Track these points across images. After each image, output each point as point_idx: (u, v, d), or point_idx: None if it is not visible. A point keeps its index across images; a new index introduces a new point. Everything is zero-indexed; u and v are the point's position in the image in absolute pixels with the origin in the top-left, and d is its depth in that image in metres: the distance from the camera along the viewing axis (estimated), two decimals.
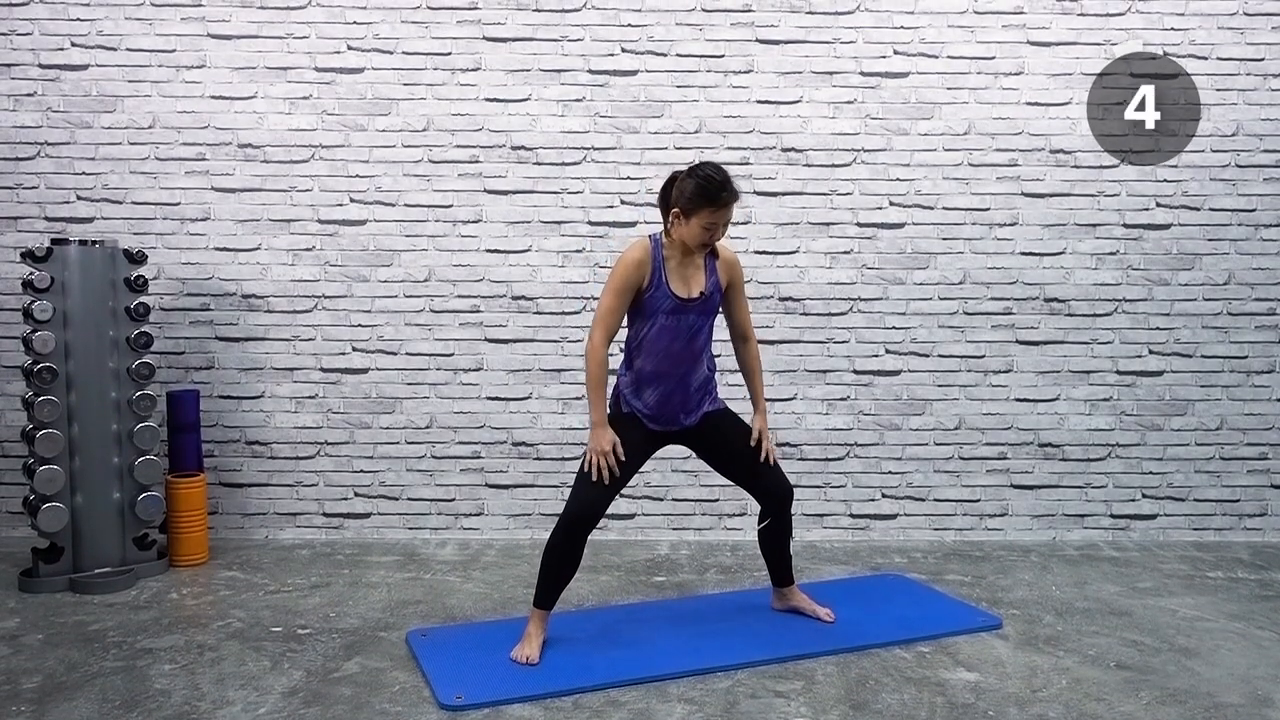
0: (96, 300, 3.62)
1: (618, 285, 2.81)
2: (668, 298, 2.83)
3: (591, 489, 2.82)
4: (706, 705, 2.58)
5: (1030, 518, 4.27)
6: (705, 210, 2.75)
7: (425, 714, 2.52)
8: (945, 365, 4.24)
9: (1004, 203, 4.20)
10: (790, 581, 3.23)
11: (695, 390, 2.96)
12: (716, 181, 2.75)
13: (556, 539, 2.85)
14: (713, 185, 2.75)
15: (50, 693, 2.62)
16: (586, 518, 2.82)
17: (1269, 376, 4.25)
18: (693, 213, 2.77)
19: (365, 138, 4.13)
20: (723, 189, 2.75)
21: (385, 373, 4.20)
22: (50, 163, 4.12)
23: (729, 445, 3.04)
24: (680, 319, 2.86)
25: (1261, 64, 4.16)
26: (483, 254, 4.18)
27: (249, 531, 4.21)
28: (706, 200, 2.75)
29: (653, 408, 2.93)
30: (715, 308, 2.94)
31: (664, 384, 2.90)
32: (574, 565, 2.88)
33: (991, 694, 2.65)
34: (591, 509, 2.82)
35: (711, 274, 2.91)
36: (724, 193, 2.75)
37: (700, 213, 2.76)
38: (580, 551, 2.86)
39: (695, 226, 2.77)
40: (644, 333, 2.88)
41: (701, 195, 2.75)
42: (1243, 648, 2.99)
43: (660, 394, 2.91)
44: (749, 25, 4.14)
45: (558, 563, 2.86)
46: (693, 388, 2.95)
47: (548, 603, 2.89)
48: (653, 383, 2.90)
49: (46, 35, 4.08)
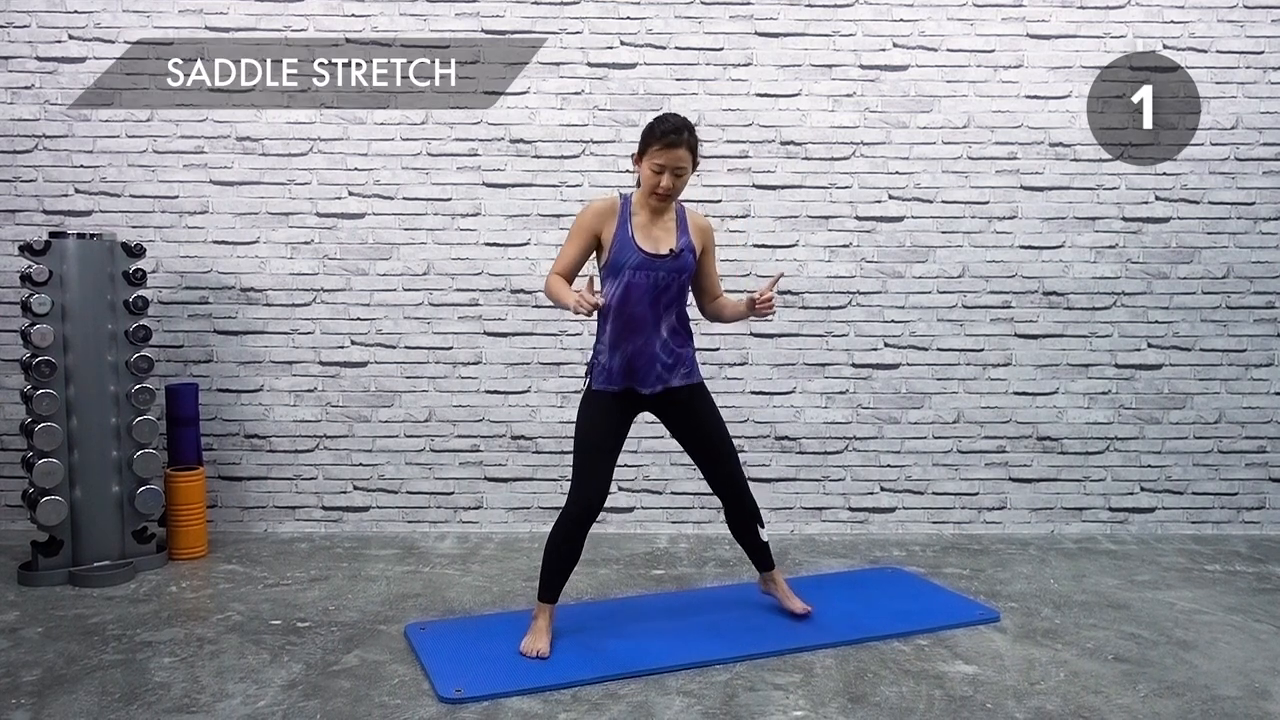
0: (95, 294, 3.61)
1: (575, 228, 2.88)
2: (634, 251, 2.82)
3: (587, 484, 2.82)
4: (705, 698, 2.59)
5: (1029, 511, 4.27)
6: (652, 148, 2.78)
7: (425, 707, 2.52)
8: (944, 359, 4.24)
9: (1003, 196, 4.19)
10: (770, 566, 3.22)
11: (667, 352, 2.90)
12: (666, 121, 2.79)
13: (557, 535, 2.86)
14: (661, 123, 2.79)
15: (50, 686, 2.63)
16: (585, 513, 2.83)
17: (1267, 370, 4.25)
18: (643, 154, 2.81)
19: (363, 130, 4.13)
20: (670, 128, 2.77)
21: (384, 366, 4.20)
22: (48, 156, 4.11)
23: (699, 426, 3.02)
24: (649, 275, 2.84)
25: (1261, 57, 4.16)
26: (481, 247, 4.17)
27: (248, 525, 4.22)
28: (653, 137, 2.78)
29: (622, 366, 2.87)
30: (687, 267, 2.90)
31: (633, 343, 2.86)
32: (575, 558, 2.89)
33: (990, 686, 2.66)
34: (589, 505, 2.83)
35: (684, 234, 2.90)
36: (671, 133, 2.76)
37: (649, 152, 2.79)
38: (581, 545, 2.88)
39: (646, 168, 2.80)
40: (613, 292, 2.85)
41: (649, 133, 2.80)
42: (1240, 640, 3.00)
43: (629, 353, 2.87)
44: (748, 18, 4.13)
45: (560, 558, 2.87)
46: (662, 347, 2.89)
47: (552, 596, 2.90)
48: (622, 343, 2.86)
49: (44, 28, 4.07)
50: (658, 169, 2.78)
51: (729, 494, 3.12)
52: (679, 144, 2.77)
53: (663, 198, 2.83)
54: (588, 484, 2.83)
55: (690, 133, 2.80)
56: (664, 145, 2.76)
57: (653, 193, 2.82)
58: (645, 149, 2.81)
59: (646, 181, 2.82)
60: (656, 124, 2.80)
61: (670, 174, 2.78)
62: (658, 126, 2.79)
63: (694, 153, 2.83)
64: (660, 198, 2.82)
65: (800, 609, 3.15)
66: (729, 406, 4.19)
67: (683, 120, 2.81)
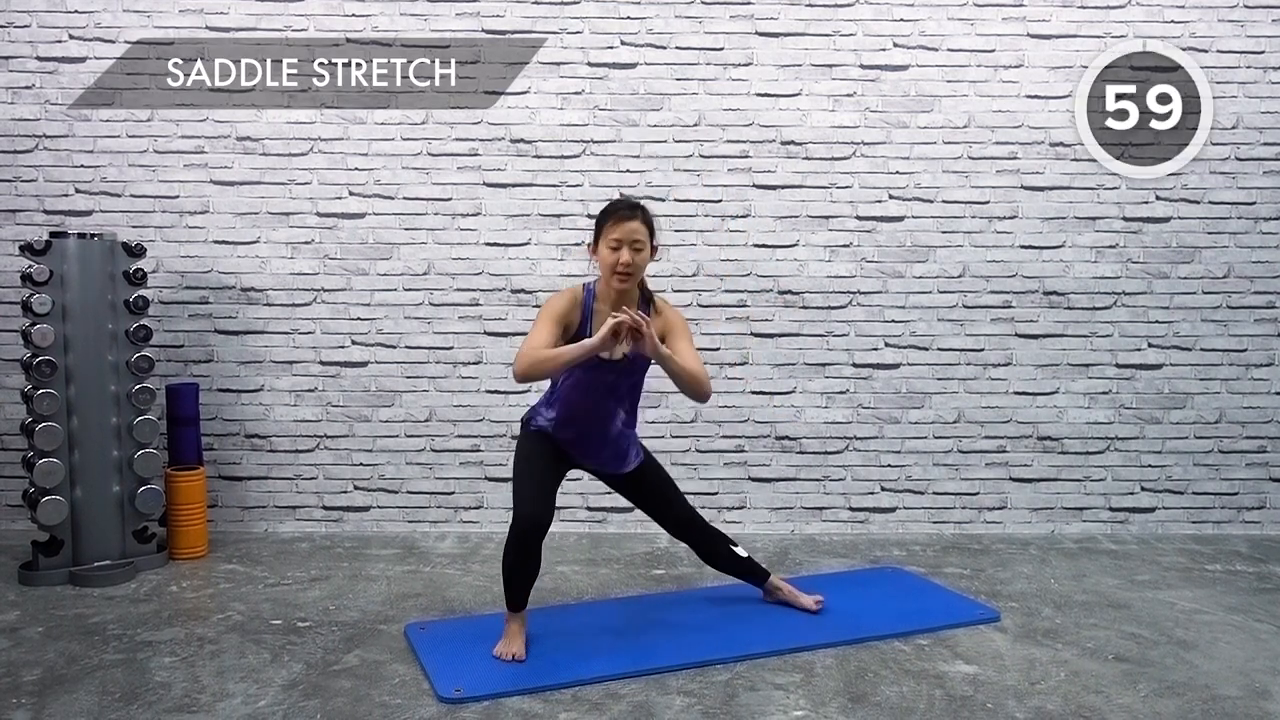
0: (95, 294, 3.61)
1: (546, 315, 2.71)
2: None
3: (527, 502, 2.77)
4: (705, 697, 2.59)
5: (1029, 511, 4.27)
6: (606, 226, 2.72)
7: (425, 707, 2.52)
8: (944, 359, 4.23)
9: (1003, 196, 4.19)
10: (765, 576, 3.23)
11: (616, 441, 2.94)
12: (621, 200, 2.78)
13: (511, 555, 2.79)
14: (615, 203, 2.77)
15: (50, 685, 2.63)
16: (534, 530, 2.75)
17: (1268, 370, 4.25)
18: (599, 236, 2.75)
19: (363, 130, 4.13)
20: (622, 204, 2.75)
21: (384, 366, 4.20)
22: (49, 155, 4.11)
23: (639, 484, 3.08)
24: (598, 376, 2.77)
25: (1261, 56, 4.15)
26: (482, 247, 4.17)
27: (248, 525, 4.22)
28: (605, 217, 2.74)
29: (567, 440, 2.89)
30: (639, 370, 2.85)
31: (581, 429, 2.89)
32: (536, 570, 2.83)
33: (990, 686, 2.66)
34: (535, 522, 2.75)
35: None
36: (624, 208, 2.72)
37: (603, 232, 2.73)
38: (538, 558, 2.81)
39: (603, 249, 2.73)
40: (561, 382, 2.83)
41: (601, 216, 2.77)
42: (1241, 640, 3.00)
43: (574, 436, 2.89)
44: (748, 18, 4.13)
45: (519, 573, 2.81)
46: (612, 436, 2.93)
47: (519, 605, 2.85)
48: (570, 426, 2.87)
49: (44, 27, 4.07)
50: (615, 245, 2.70)
51: (689, 534, 3.16)
52: (632, 217, 2.71)
53: (624, 275, 2.71)
54: (527, 503, 2.77)
55: (643, 210, 2.75)
56: (617, 220, 2.70)
57: (614, 273, 2.71)
58: (599, 232, 2.75)
59: (605, 263, 2.72)
60: (607, 206, 2.78)
61: (629, 248, 2.69)
62: (608, 208, 2.77)
63: (650, 228, 2.76)
64: (621, 276, 2.71)
65: (811, 604, 3.16)
66: (729, 406, 4.20)
67: (634, 199, 2.81)
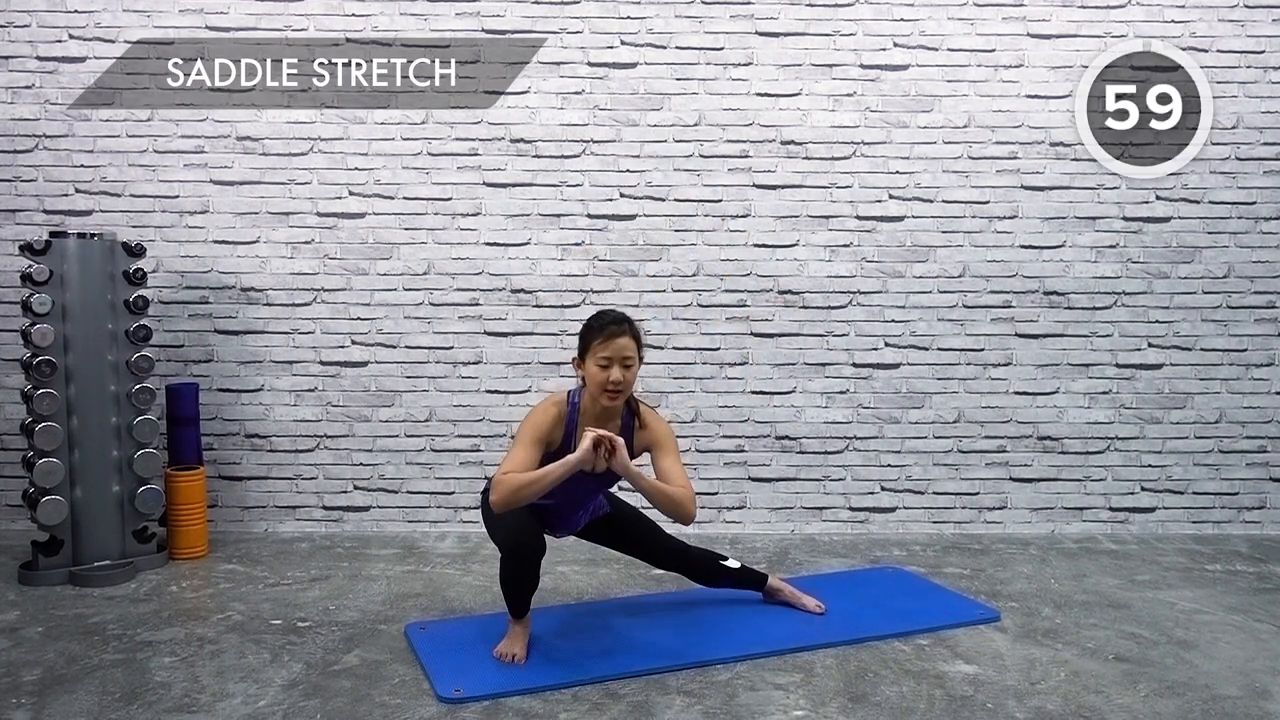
0: (95, 293, 3.61)
1: (529, 433, 2.69)
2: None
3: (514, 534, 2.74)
4: (706, 698, 2.58)
5: (1029, 510, 4.27)
6: (595, 344, 2.70)
7: (424, 707, 2.52)
8: (944, 358, 4.23)
9: (1004, 196, 4.19)
10: (763, 582, 3.23)
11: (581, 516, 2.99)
12: (608, 316, 2.75)
13: (508, 572, 2.77)
14: (598, 319, 2.74)
15: (50, 685, 2.63)
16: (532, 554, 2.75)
17: (1268, 370, 4.25)
18: (586, 352, 2.73)
19: (363, 130, 4.13)
20: (610, 319, 2.72)
21: (384, 366, 4.20)
22: (48, 155, 4.11)
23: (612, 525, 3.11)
24: (577, 483, 2.71)
25: (1262, 56, 4.15)
26: (482, 247, 4.17)
27: (248, 525, 4.22)
28: (593, 333, 2.72)
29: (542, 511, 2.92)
30: (613, 482, 2.85)
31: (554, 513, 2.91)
32: (535, 583, 2.81)
33: (990, 686, 2.66)
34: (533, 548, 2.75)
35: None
36: (611, 324, 2.70)
37: (591, 349, 2.71)
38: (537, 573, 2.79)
39: (592, 366, 2.71)
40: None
41: (587, 331, 2.75)
42: (1241, 640, 3.00)
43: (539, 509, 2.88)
44: (748, 17, 4.13)
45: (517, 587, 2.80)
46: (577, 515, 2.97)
47: (521, 613, 2.85)
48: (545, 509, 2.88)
49: (44, 27, 4.07)
50: (604, 363, 2.68)
51: (679, 562, 3.16)
52: (621, 333, 2.70)
53: (614, 393, 2.70)
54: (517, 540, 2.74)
55: (631, 323, 2.74)
56: (606, 337, 2.68)
57: (604, 390, 2.69)
58: (587, 348, 2.73)
59: (594, 380, 2.70)
60: (593, 320, 2.76)
61: (619, 365, 2.68)
62: (595, 323, 2.74)
63: (639, 341, 2.75)
64: (612, 394, 2.70)
65: (813, 606, 3.17)
66: (729, 406, 4.20)
67: (618, 312, 2.79)
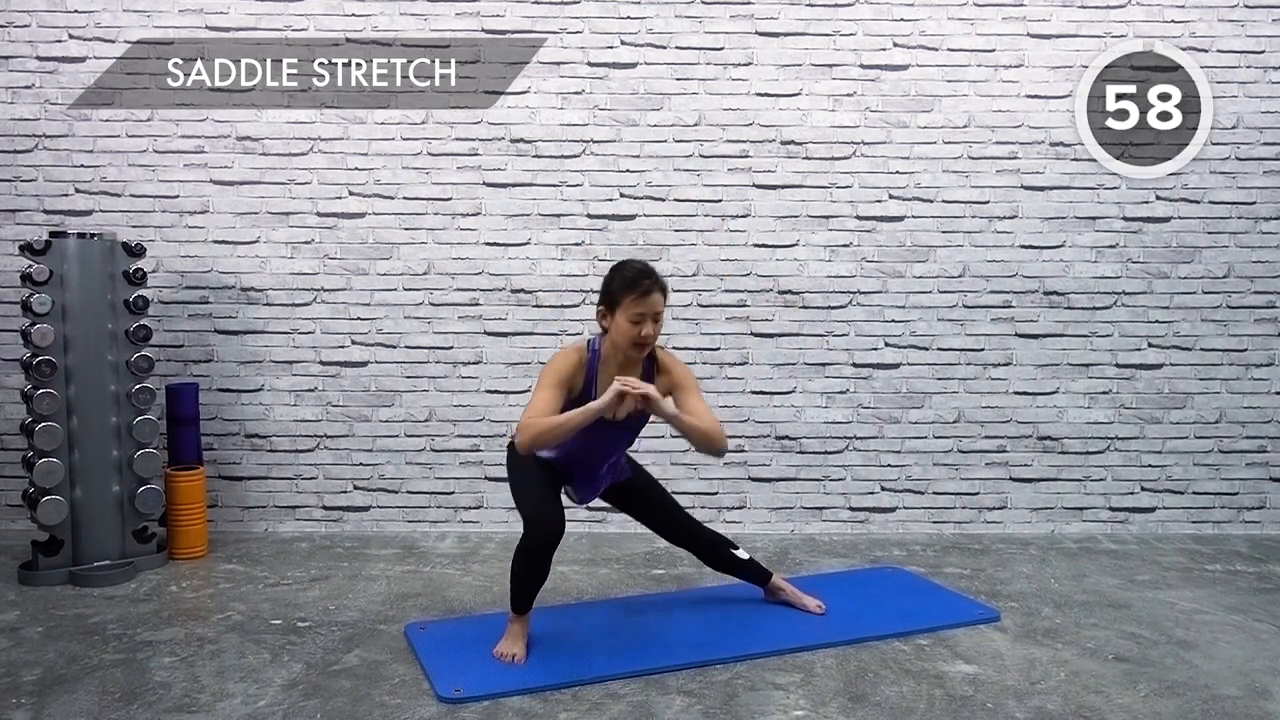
0: (95, 293, 3.61)
1: (550, 377, 2.72)
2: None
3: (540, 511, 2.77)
4: (705, 697, 2.58)
5: (1029, 510, 4.27)
6: (628, 300, 2.69)
7: (424, 706, 2.52)
8: (944, 358, 4.23)
9: (1003, 196, 4.19)
10: (767, 577, 3.24)
11: (606, 475, 2.99)
12: (639, 269, 2.73)
13: (521, 562, 2.79)
14: (635, 273, 2.72)
15: (50, 685, 2.63)
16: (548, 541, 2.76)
17: (1268, 370, 4.25)
18: (617, 304, 2.72)
19: (363, 130, 4.13)
20: (645, 275, 2.71)
21: (384, 366, 4.20)
22: (48, 155, 4.11)
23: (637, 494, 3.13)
24: (599, 432, 2.76)
25: (1262, 56, 4.15)
26: (482, 247, 4.17)
27: (248, 524, 4.22)
28: (626, 289, 2.70)
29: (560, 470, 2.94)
30: (640, 423, 2.88)
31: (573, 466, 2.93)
32: (544, 577, 2.82)
33: (990, 686, 2.66)
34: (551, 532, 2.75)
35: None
36: (644, 277, 2.70)
37: (624, 304, 2.70)
38: (548, 566, 2.81)
39: (622, 320, 2.71)
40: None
41: (619, 286, 2.72)
42: (1241, 640, 3.00)
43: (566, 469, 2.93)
44: (748, 17, 4.13)
45: (527, 580, 2.81)
46: (604, 472, 2.97)
47: (524, 608, 2.85)
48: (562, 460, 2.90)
49: (44, 27, 4.07)
50: (637, 319, 2.68)
51: (688, 539, 3.19)
52: (654, 288, 2.71)
53: (643, 346, 2.73)
54: (540, 514, 2.76)
55: (659, 277, 2.75)
56: (641, 293, 2.68)
57: (634, 344, 2.72)
58: (618, 301, 2.71)
59: (624, 333, 2.70)
60: (622, 275, 2.73)
61: (650, 321, 2.70)
62: (626, 276, 2.72)
63: (666, 294, 2.77)
64: (641, 347, 2.73)
65: (814, 606, 3.18)
66: (729, 406, 4.20)
67: (645, 264, 2.78)
